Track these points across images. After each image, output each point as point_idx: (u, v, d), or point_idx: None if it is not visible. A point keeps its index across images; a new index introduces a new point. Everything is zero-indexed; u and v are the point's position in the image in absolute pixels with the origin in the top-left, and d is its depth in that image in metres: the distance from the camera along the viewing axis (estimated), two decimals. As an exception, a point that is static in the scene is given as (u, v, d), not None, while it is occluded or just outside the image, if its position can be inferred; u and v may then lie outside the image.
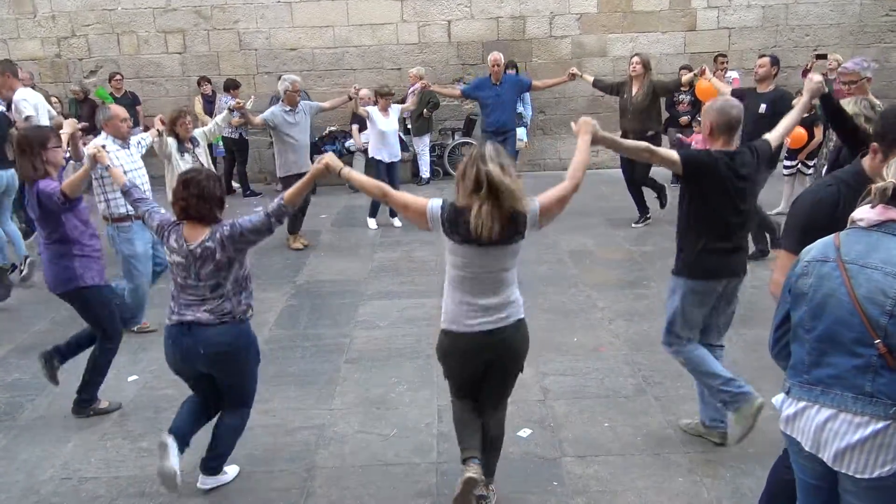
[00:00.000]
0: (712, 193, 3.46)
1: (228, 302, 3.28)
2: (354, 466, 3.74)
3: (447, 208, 2.97)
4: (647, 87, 7.66)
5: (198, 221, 3.27)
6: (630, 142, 3.75)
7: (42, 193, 3.99)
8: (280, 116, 7.43)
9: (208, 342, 3.26)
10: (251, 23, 11.07)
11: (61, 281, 4.16)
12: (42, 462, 3.88)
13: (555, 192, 3.09)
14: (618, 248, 7.45)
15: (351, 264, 7.22)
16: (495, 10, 11.10)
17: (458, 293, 3.05)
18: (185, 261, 3.25)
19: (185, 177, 3.31)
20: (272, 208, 3.28)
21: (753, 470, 3.55)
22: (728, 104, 3.54)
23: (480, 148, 2.94)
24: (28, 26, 11.07)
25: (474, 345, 3.06)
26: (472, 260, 2.97)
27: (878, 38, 11.18)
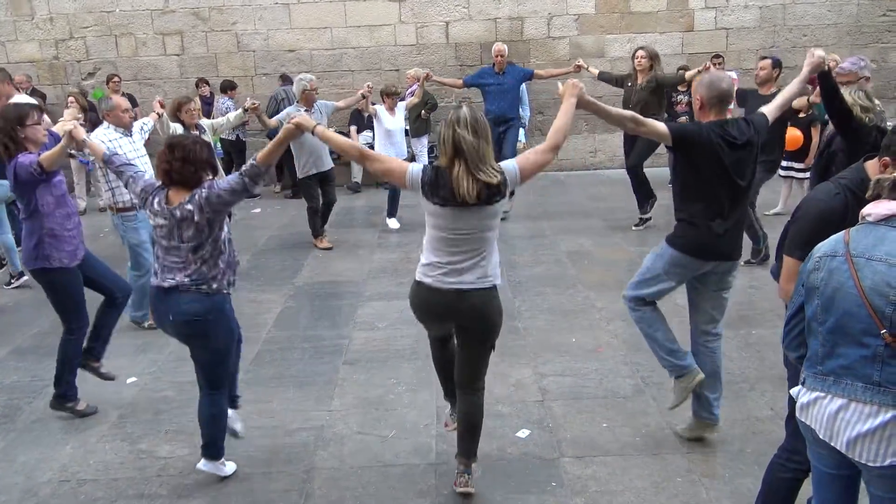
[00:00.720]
0: (703, 165, 3.38)
1: (206, 265, 3.29)
2: (353, 467, 3.74)
3: (427, 171, 3.03)
4: (652, 78, 7.62)
5: (182, 185, 3.27)
6: (616, 109, 3.65)
7: (19, 165, 3.99)
8: None
9: (178, 310, 3.30)
10: (249, 24, 11.07)
11: (30, 258, 4.15)
12: (40, 464, 3.88)
13: (533, 154, 3.14)
14: (616, 248, 7.45)
15: (350, 265, 7.22)
16: (493, 11, 11.11)
17: (435, 252, 3.11)
18: (167, 222, 3.27)
19: (170, 140, 3.32)
20: (245, 168, 3.29)
21: (752, 470, 3.55)
22: (717, 77, 3.49)
23: (456, 112, 2.99)
24: (26, 28, 11.07)
25: (445, 302, 3.11)
26: (451, 221, 3.02)
27: (875, 38, 11.20)
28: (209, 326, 3.35)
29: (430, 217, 3.09)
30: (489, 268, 3.12)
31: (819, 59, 3.75)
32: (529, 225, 8.21)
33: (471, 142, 2.93)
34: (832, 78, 3.95)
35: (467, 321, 3.17)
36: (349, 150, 3.27)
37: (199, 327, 3.34)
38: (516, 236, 7.92)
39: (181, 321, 3.33)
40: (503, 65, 8.45)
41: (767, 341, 4.97)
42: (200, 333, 3.38)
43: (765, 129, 3.57)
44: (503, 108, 8.40)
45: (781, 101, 3.75)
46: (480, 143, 2.95)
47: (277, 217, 9.43)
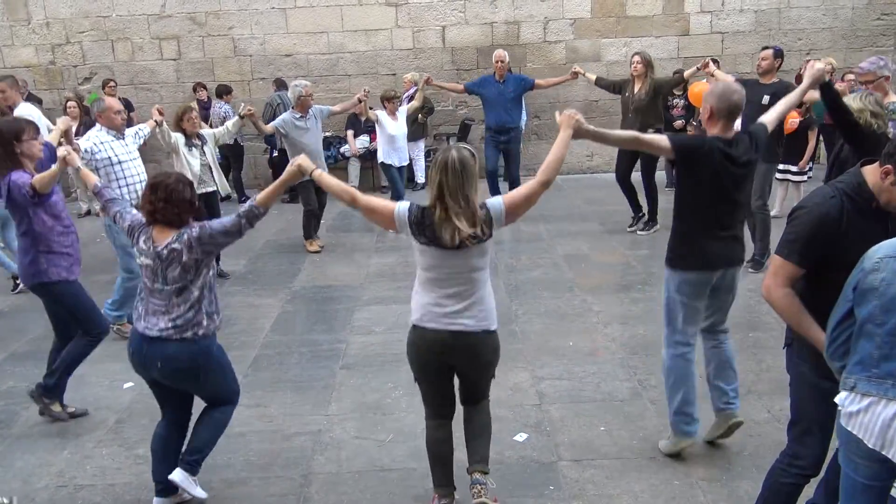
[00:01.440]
0: (706, 180, 3.38)
1: (192, 310, 3.21)
2: (351, 472, 3.74)
3: (414, 211, 3.01)
4: (649, 85, 7.63)
5: (166, 225, 3.23)
6: (616, 132, 3.66)
7: (13, 184, 3.95)
8: (291, 123, 7.41)
9: (166, 358, 3.21)
10: (246, 29, 11.08)
11: (28, 274, 4.13)
12: (37, 470, 3.87)
13: (522, 190, 3.11)
14: (613, 251, 7.46)
15: (347, 270, 7.22)
16: (489, 15, 11.13)
17: (427, 294, 3.09)
18: (153, 263, 3.21)
19: (153, 181, 3.27)
20: (244, 210, 3.26)
21: (749, 473, 3.56)
22: (730, 89, 3.48)
23: (445, 154, 2.96)
24: (22, 33, 11.06)
25: (439, 342, 3.07)
26: (439, 261, 3.01)
27: (870, 42, 11.24)
28: (199, 371, 3.29)
29: (418, 256, 3.08)
30: (483, 312, 3.07)
31: (819, 72, 3.77)
32: (526, 229, 8.22)
33: (454, 186, 2.90)
34: (834, 89, 3.96)
35: (462, 362, 3.14)
36: (342, 195, 3.24)
37: (190, 373, 3.28)
38: (513, 240, 7.93)
39: (169, 369, 3.25)
40: (504, 71, 8.43)
41: (763, 345, 4.99)
42: (192, 378, 3.31)
43: (765, 140, 3.60)
44: (503, 118, 8.38)
45: (780, 111, 3.76)
46: (465, 187, 2.91)
47: (274, 221, 9.42)
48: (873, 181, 2.52)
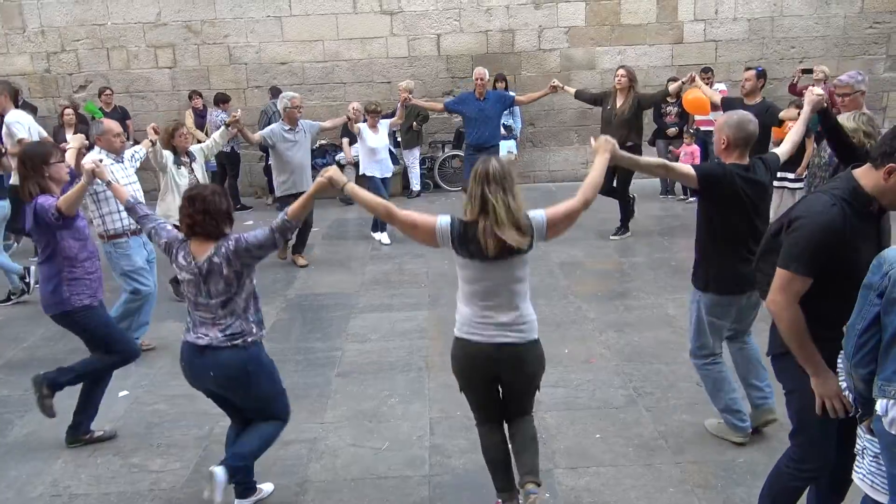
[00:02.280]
0: (728, 206, 3.53)
1: (239, 320, 3.24)
2: (346, 480, 3.74)
3: (456, 225, 3.00)
4: (633, 99, 7.69)
5: (205, 238, 3.21)
6: (647, 159, 3.84)
7: (38, 207, 3.87)
8: (279, 135, 7.30)
9: (218, 365, 3.23)
10: (241, 37, 11.10)
11: (50, 303, 4.01)
12: (32, 479, 3.86)
13: (563, 207, 3.13)
14: (608, 259, 7.48)
15: (342, 277, 7.22)
16: (484, 23, 11.18)
17: (469, 307, 3.09)
18: (194, 278, 3.21)
19: (190, 193, 3.25)
20: (276, 223, 3.24)
21: (745, 480, 3.57)
22: (745, 119, 3.60)
23: (485, 164, 2.96)
24: (17, 41, 11.06)
25: (484, 355, 3.06)
26: (481, 274, 3.01)
27: (862, 51, 11.31)
28: (251, 378, 3.30)
29: (460, 270, 3.08)
30: (526, 324, 3.08)
31: (819, 98, 3.87)
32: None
33: (501, 199, 2.90)
34: (833, 116, 4.05)
35: (507, 373, 3.12)
36: (378, 209, 3.20)
37: (241, 380, 3.28)
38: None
39: (223, 376, 3.26)
40: (484, 89, 8.41)
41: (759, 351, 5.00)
42: (243, 385, 3.30)
43: (777, 169, 3.77)
44: (484, 136, 8.34)
45: (791, 143, 3.87)
46: (508, 198, 2.92)
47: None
48: (872, 184, 2.51)
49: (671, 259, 7.31)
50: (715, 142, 3.71)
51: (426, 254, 7.84)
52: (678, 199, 9.96)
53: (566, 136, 11.46)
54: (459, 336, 3.13)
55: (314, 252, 8.16)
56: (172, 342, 5.54)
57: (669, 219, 9.01)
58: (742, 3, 11.18)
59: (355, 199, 3.24)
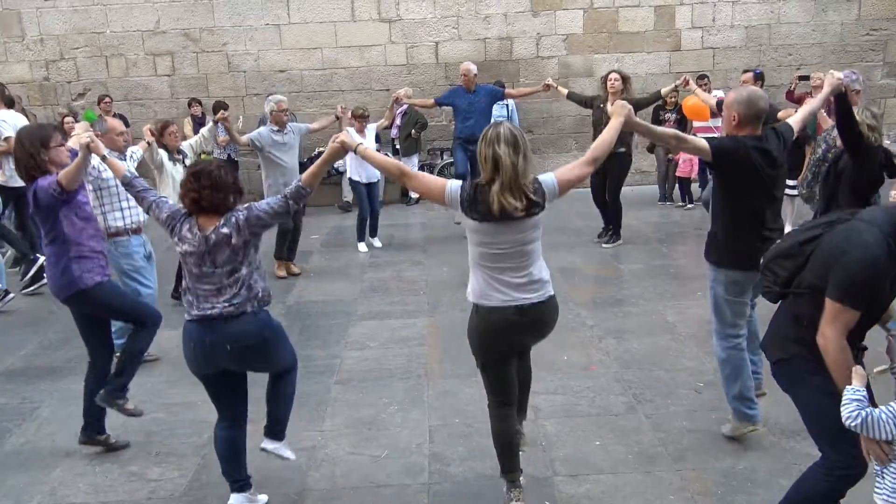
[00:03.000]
0: (744, 180, 3.51)
1: (245, 287, 3.20)
2: (345, 488, 3.72)
3: (466, 188, 3.06)
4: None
5: (213, 212, 3.17)
6: (661, 129, 3.81)
7: (39, 188, 3.80)
8: (268, 137, 7.29)
9: (233, 337, 3.17)
10: (240, 45, 11.12)
11: (62, 286, 3.92)
12: (29, 488, 3.84)
13: (571, 166, 3.21)
14: (606, 266, 7.48)
15: (341, 285, 7.21)
16: (482, 31, 11.21)
17: (483, 271, 3.12)
18: (197, 249, 3.16)
19: (194, 168, 3.21)
20: (290, 190, 3.24)
21: (745, 487, 3.56)
22: (755, 94, 3.59)
23: (496, 128, 3.02)
24: (16, 49, 11.08)
25: (505, 320, 3.10)
26: (493, 237, 3.04)
27: (859, 57, 11.35)
28: (269, 345, 3.29)
29: (470, 234, 3.12)
30: (541, 282, 3.15)
31: (838, 81, 3.89)
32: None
33: (511, 159, 2.95)
34: (848, 100, 4.08)
35: (529, 334, 3.25)
36: (391, 169, 3.32)
37: (259, 348, 3.25)
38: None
39: (240, 347, 3.19)
40: (471, 83, 8.47)
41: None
42: (260, 353, 3.28)
43: (791, 140, 3.75)
44: (474, 128, 8.31)
45: (804, 114, 3.91)
46: (520, 160, 2.97)
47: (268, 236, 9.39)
48: None
49: (670, 266, 7.32)
50: (725, 119, 3.67)
51: (424, 261, 7.85)
52: (676, 205, 9.97)
53: (564, 143, 11.48)
54: (479, 303, 3.16)
55: (312, 259, 8.16)
56: (169, 350, 5.53)
57: (668, 225, 9.01)
58: (739, 10, 11.22)
59: (368, 159, 3.33)
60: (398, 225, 8.74)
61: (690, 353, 5.16)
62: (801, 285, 2.69)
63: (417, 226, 9.77)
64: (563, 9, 11.14)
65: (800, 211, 8.40)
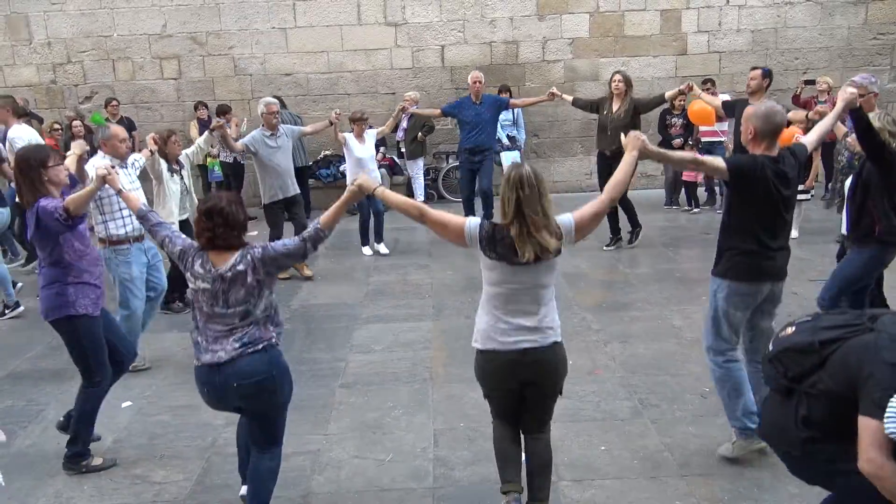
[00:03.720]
0: (758, 198, 3.51)
1: (257, 328, 3.14)
2: (350, 492, 3.72)
3: (485, 227, 3.04)
4: (629, 104, 7.65)
5: (225, 249, 3.14)
6: (678, 153, 3.82)
7: (42, 210, 3.77)
8: (261, 141, 7.30)
9: (241, 374, 3.09)
10: (246, 48, 11.15)
11: (53, 307, 3.91)
12: (34, 490, 3.85)
13: (590, 208, 3.18)
14: (612, 270, 7.46)
15: (346, 288, 7.22)
16: (488, 35, 11.22)
17: (492, 311, 3.10)
18: (212, 287, 3.09)
19: (207, 206, 3.15)
20: (308, 233, 3.19)
21: (752, 493, 3.54)
22: (773, 110, 3.58)
23: (518, 170, 2.99)
24: (24, 53, 11.13)
25: (508, 362, 3.07)
26: (509, 277, 3.03)
27: (866, 62, 11.32)
28: (276, 382, 3.19)
29: (486, 272, 3.09)
30: (549, 327, 3.10)
31: (852, 96, 3.85)
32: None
33: (535, 204, 2.94)
34: (864, 114, 4.03)
35: (532, 378, 3.12)
36: (410, 210, 3.20)
37: (268, 386, 3.17)
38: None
39: (248, 384, 3.11)
40: (480, 93, 8.42)
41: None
42: (269, 390, 3.19)
43: (805, 160, 3.75)
44: (480, 139, 8.37)
45: (819, 133, 3.88)
46: (543, 203, 2.96)
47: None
48: None
49: (676, 270, 7.30)
50: (742, 132, 3.68)
51: (430, 264, 7.84)
52: (682, 209, 9.95)
53: (570, 147, 11.47)
54: (483, 349, 3.13)
55: (317, 263, 8.15)
56: (174, 353, 5.55)
57: (674, 230, 8.99)
58: (746, 14, 11.21)
59: (387, 202, 3.28)
60: (403, 228, 8.74)
61: (696, 357, 5.13)
62: (814, 387, 2.50)
63: (422, 229, 9.71)
64: (569, 12, 11.14)
65: (806, 216, 8.39)
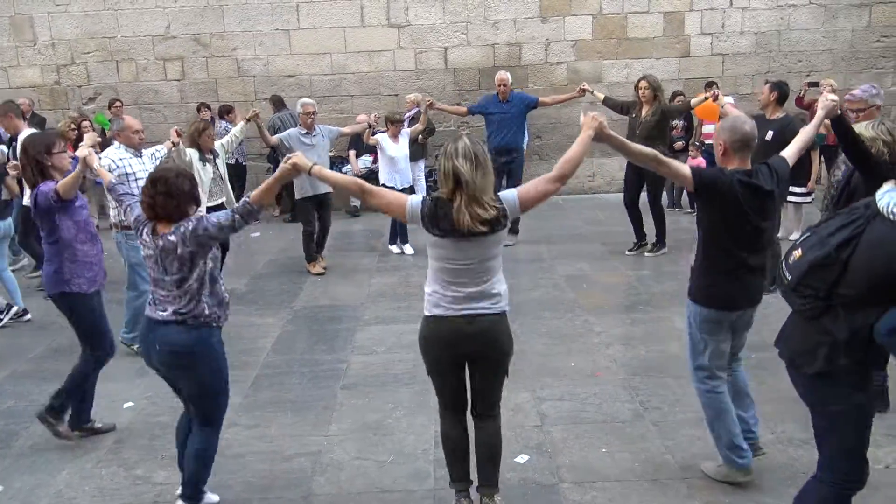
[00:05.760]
0: (727, 213, 3.32)
1: (193, 301, 3.26)
2: (351, 493, 3.72)
3: (427, 203, 3.04)
4: (657, 109, 7.60)
5: (167, 219, 3.25)
6: (638, 146, 3.53)
7: (40, 193, 4.09)
8: (296, 138, 7.51)
9: (164, 339, 3.27)
10: (249, 50, 11.17)
11: (51, 283, 4.20)
12: (36, 490, 3.85)
13: (535, 182, 3.15)
14: (614, 272, 7.46)
15: (348, 289, 7.22)
16: (491, 36, 11.22)
17: (440, 283, 3.11)
18: (153, 253, 3.26)
19: (153, 175, 3.31)
20: (239, 206, 3.27)
21: (753, 495, 3.53)
22: (739, 120, 3.45)
23: (455, 143, 3.01)
24: (28, 54, 11.16)
25: (454, 330, 3.08)
26: (453, 252, 3.03)
27: (870, 64, 11.31)
28: (195, 358, 3.29)
29: (431, 248, 3.11)
30: (497, 296, 3.12)
31: (833, 104, 3.71)
32: (528, 249, 8.22)
33: (470, 173, 2.94)
34: (846, 121, 3.90)
35: (477, 347, 3.12)
36: (349, 186, 3.24)
37: (184, 359, 3.29)
38: (515, 260, 7.92)
39: (167, 351, 3.28)
40: (507, 93, 8.39)
41: (766, 366, 4.95)
42: (186, 365, 3.31)
43: (787, 175, 3.53)
44: (507, 138, 8.31)
45: (799, 146, 3.71)
46: (479, 175, 2.96)
47: (276, 241, 9.45)
48: None
49: (678, 272, 7.28)
50: (714, 149, 3.54)
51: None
52: (685, 212, 9.93)
53: (573, 149, 11.44)
54: (430, 313, 3.14)
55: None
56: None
57: (676, 232, 8.97)
58: (749, 16, 11.20)
59: (324, 180, 3.28)
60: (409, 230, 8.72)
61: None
62: (847, 297, 2.53)
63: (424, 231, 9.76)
64: (571, 14, 11.15)
65: (807, 220, 8.36)
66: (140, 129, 5.56)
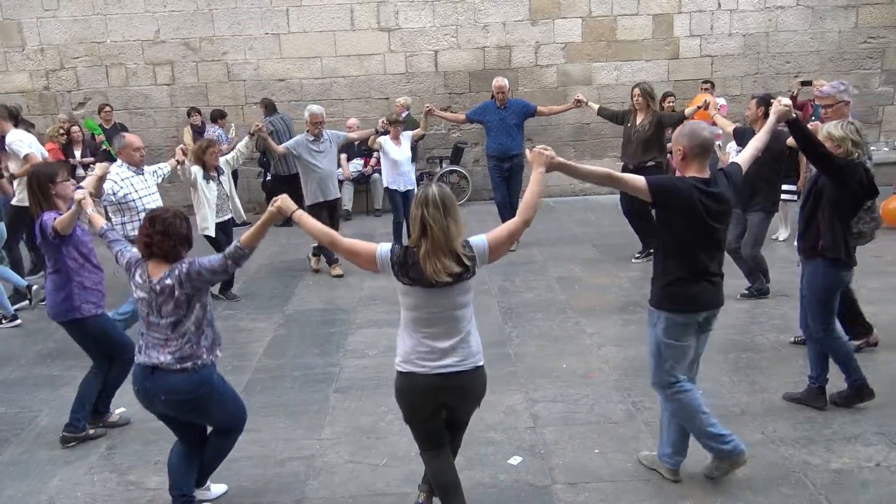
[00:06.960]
0: (685, 221, 3.34)
1: (189, 344, 3.28)
2: (344, 497, 3.72)
3: (396, 251, 3.01)
4: (652, 118, 7.52)
5: (162, 259, 3.29)
6: (588, 167, 3.59)
7: (43, 223, 4.18)
8: (304, 145, 7.51)
9: (168, 389, 3.29)
10: (239, 54, 11.16)
11: (60, 311, 4.27)
12: (27, 498, 3.83)
13: (503, 229, 3.14)
14: (605, 273, 7.48)
15: (340, 293, 7.22)
16: (481, 39, 11.25)
17: (412, 335, 3.07)
18: (147, 296, 3.29)
19: (151, 214, 3.36)
20: (230, 251, 3.30)
21: (744, 495, 3.55)
22: (699, 126, 3.47)
23: (425, 189, 2.98)
24: (17, 59, 11.11)
25: (429, 386, 3.05)
26: (423, 301, 3.00)
27: (856, 65, 11.40)
28: (203, 401, 3.35)
29: (402, 297, 3.07)
30: (470, 349, 3.08)
31: (785, 109, 3.74)
32: (520, 251, 8.24)
33: (439, 222, 2.91)
34: (802, 125, 3.91)
35: (453, 402, 3.14)
36: (321, 237, 3.23)
37: (193, 404, 3.34)
38: (507, 263, 7.93)
39: (174, 401, 3.31)
40: (504, 100, 8.33)
41: (756, 365, 4.99)
42: (194, 408, 3.37)
43: (740, 180, 3.57)
44: (506, 144, 8.24)
45: (752, 152, 3.73)
46: (448, 223, 2.92)
47: (269, 245, 9.42)
48: None
49: (669, 273, 7.30)
50: (673, 155, 3.54)
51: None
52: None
53: (563, 153, 11.30)
54: (403, 371, 3.10)
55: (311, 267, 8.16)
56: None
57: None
58: (737, 18, 11.27)
59: (303, 226, 3.24)
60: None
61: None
62: None
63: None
64: (561, 17, 11.18)
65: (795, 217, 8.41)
66: (141, 147, 5.66)
